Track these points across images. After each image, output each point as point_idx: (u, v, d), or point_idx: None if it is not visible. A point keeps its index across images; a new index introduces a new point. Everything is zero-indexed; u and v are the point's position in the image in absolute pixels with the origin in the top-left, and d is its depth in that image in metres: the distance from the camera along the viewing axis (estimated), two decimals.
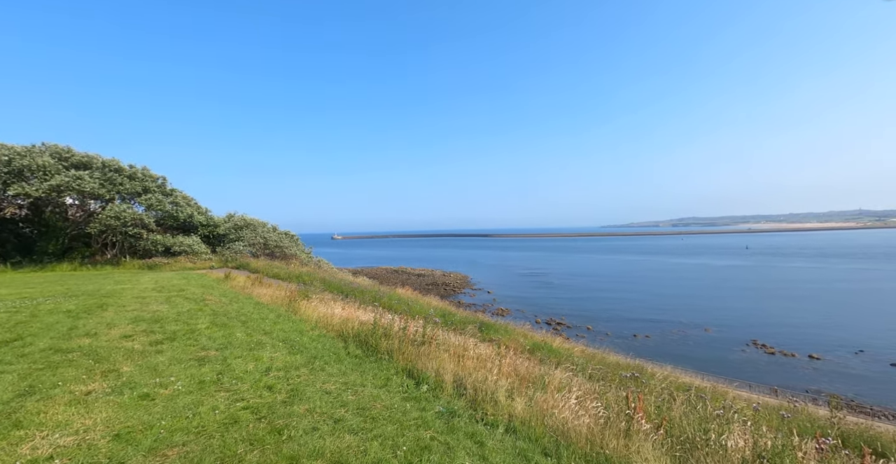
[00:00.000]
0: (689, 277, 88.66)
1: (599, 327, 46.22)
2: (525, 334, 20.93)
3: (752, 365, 34.23)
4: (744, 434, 4.32)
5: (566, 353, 17.16)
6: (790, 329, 43.58)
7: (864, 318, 47.26)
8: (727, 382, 22.35)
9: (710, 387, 14.24)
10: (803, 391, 27.03)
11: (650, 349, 36.59)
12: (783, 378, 29.89)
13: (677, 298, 64.00)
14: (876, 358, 32.99)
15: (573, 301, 60.92)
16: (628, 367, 14.01)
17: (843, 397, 26.77)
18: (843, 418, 9.02)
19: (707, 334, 43.39)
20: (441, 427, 4.91)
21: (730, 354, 37.75)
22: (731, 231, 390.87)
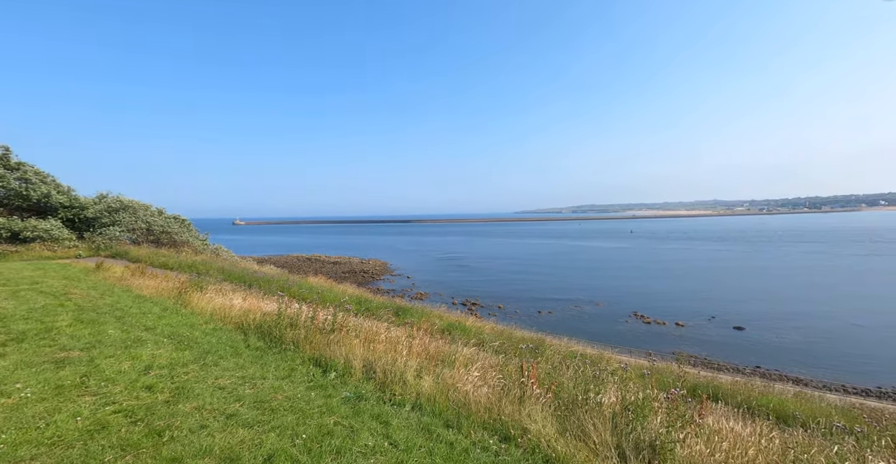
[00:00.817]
0: (585, 258, 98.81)
1: (509, 306, 49.52)
2: (440, 316, 21.54)
3: (633, 333, 39.63)
4: (615, 391, 5.00)
5: (477, 331, 18.09)
6: (663, 301, 51.17)
7: (717, 290, 57.36)
8: (612, 348, 25.67)
9: (597, 354, 16.19)
10: (670, 353, 32.07)
11: (552, 324, 40.31)
12: (656, 343, 35.14)
13: (575, 277, 71.02)
14: (724, 323, 40.35)
15: (487, 283, 64.16)
16: (531, 340, 15.27)
17: (698, 356, 32.40)
18: (688, 373, 11.00)
19: (599, 308, 49.05)
20: (347, 412, 4.85)
21: (616, 324, 43.20)
22: (620, 217, 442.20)
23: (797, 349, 32.83)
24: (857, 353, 31.06)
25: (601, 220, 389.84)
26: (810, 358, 30.50)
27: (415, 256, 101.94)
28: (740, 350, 33.45)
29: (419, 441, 4.10)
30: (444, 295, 53.94)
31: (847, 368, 28.28)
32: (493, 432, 4.31)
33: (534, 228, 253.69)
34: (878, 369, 27.78)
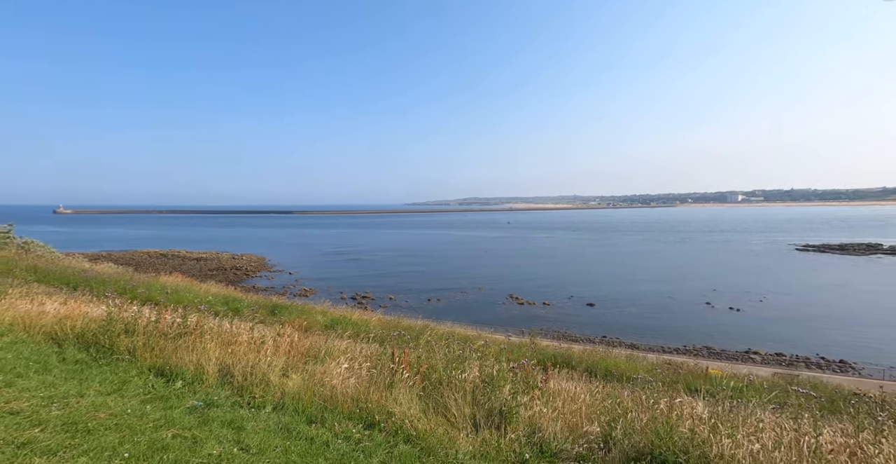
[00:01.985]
0: (470, 247, 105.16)
1: (400, 297, 50.02)
2: (325, 312, 20.64)
3: (508, 314, 43.69)
4: (477, 368, 5.43)
5: (363, 324, 17.82)
6: (533, 284, 57.39)
7: (575, 272, 66.53)
8: (490, 328, 27.87)
9: (475, 334, 17.42)
10: (538, 329, 36.21)
11: (440, 310, 42.04)
12: (527, 321, 39.29)
13: (461, 265, 75.06)
14: (580, 301, 47.03)
15: (378, 275, 63.61)
16: (415, 328, 15.64)
17: (559, 330, 37.35)
18: (548, 345, 12.76)
19: (481, 293, 52.79)
20: (191, 422, 4.30)
21: (495, 307, 47.09)
22: (499, 209, 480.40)
23: (632, 320, 40.11)
24: (673, 320, 39.37)
25: (484, 212, 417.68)
26: (641, 327, 37.57)
27: (298, 250, 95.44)
28: (591, 323, 39.53)
29: (275, 442, 3.85)
30: (332, 290, 51.81)
31: (666, 332, 35.59)
32: (358, 421, 4.29)
33: (423, 219, 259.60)
34: (686, 332, 35.59)
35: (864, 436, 3.35)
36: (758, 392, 6.29)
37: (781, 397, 5.92)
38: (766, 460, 2.88)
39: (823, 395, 8.70)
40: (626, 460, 3.30)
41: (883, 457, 3.04)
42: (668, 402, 4.03)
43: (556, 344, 22.00)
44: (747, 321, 37.75)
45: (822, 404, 6.73)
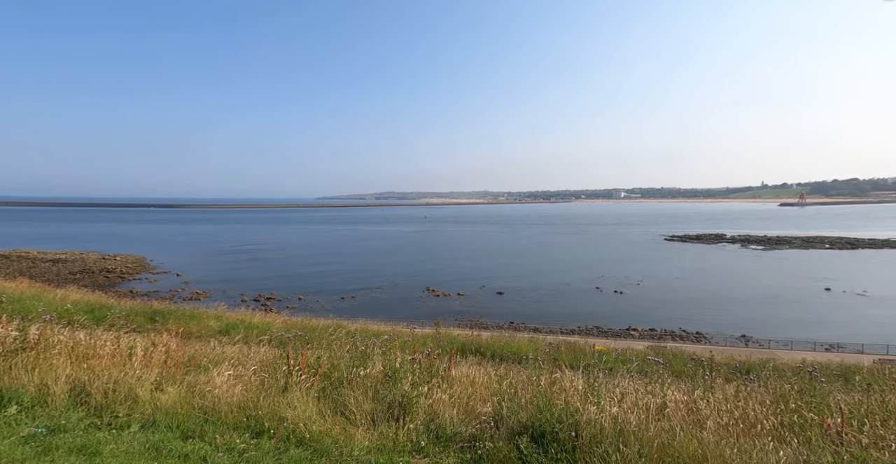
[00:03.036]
0: (387, 242, 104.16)
1: (311, 296, 47.51)
2: (219, 316, 18.72)
3: (425, 306, 44.31)
4: (381, 362, 5.38)
5: (266, 327, 16.55)
6: (449, 275, 58.90)
7: (487, 262, 69.74)
8: (406, 322, 27.96)
9: (388, 330, 17.29)
10: (453, 319, 37.36)
11: (354, 308, 40.95)
12: (443, 312, 40.21)
13: (379, 260, 73.92)
14: (491, 290, 49.49)
15: (286, 275, 59.54)
16: (325, 327, 15.00)
17: (473, 318, 39.00)
18: (460, 334, 13.36)
19: (398, 287, 52.66)
20: (27, 453, 3.56)
21: (411, 300, 47.40)
22: (416, 204, 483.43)
23: (536, 306, 43.47)
24: (569, 304, 43.56)
25: (401, 206, 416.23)
26: (543, 311, 40.91)
27: (186, 248, 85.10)
28: (500, 310, 41.96)
29: None
30: (231, 292, 47.21)
31: (563, 315, 39.21)
32: (245, 430, 3.96)
33: (336, 215, 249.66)
34: (580, 314, 39.57)
35: (698, 393, 4.09)
36: (628, 363, 7.29)
37: (643, 366, 6.94)
38: (622, 420, 3.32)
39: (680, 362, 10.46)
40: (512, 435, 3.54)
41: (709, 409, 3.75)
42: (549, 378, 4.42)
43: (467, 332, 22.83)
44: (628, 302, 43.31)
45: (673, 369, 8.06)
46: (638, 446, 3.03)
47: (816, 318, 36.06)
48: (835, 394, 3.99)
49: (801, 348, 26.46)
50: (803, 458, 2.88)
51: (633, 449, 3.00)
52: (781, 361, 14.28)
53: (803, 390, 4.22)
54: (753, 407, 3.78)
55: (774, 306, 39.94)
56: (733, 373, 6.43)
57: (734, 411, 3.78)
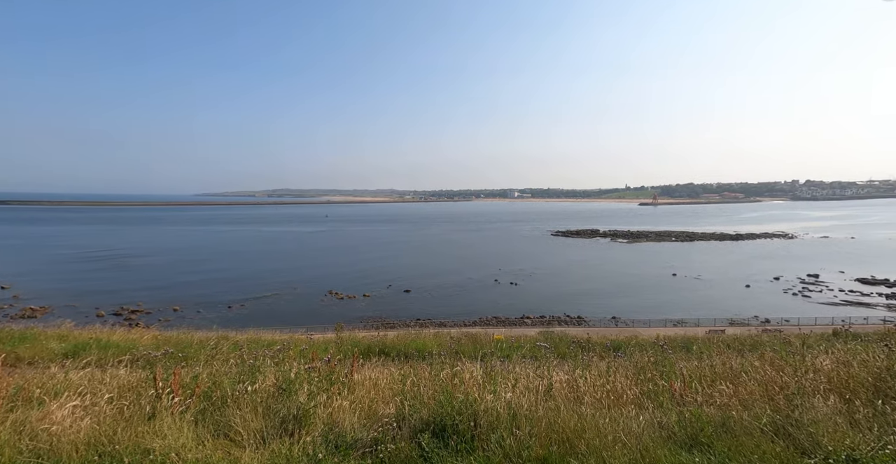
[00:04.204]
0: (284, 244, 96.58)
1: (189, 307, 41.76)
2: (64, 336, 15.32)
3: (327, 311, 42.24)
4: (273, 374, 4.95)
5: (129, 344, 14.04)
6: (355, 277, 56.97)
7: (395, 262, 69.34)
8: (306, 329, 26.35)
9: (284, 338, 16.09)
10: (358, 321, 36.38)
11: (244, 317, 37.13)
12: (348, 315, 38.83)
13: (273, 264, 68.14)
14: (398, 289, 49.21)
15: (158, 283, 51.34)
16: (207, 340, 13.30)
17: (380, 318, 38.37)
18: (364, 336, 13.08)
19: (296, 293, 49.23)
20: None
21: (312, 305, 44.76)
22: (317, 202, 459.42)
23: (441, 301, 44.58)
24: (471, 297, 45.58)
25: (299, 205, 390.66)
26: (448, 306, 42.15)
27: (16, 254, 68.60)
28: (407, 308, 42.12)
29: None
30: (81, 307, 39.23)
31: (466, 308, 40.91)
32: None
33: (221, 213, 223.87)
34: (481, 306, 41.68)
35: (578, 372, 4.61)
36: (521, 349, 7.91)
37: (534, 351, 7.60)
38: (516, 404, 3.57)
39: (564, 345, 11.72)
40: (414, 433, 3.55)
41: (586, 385, 4.26)
42: (450, 371, 4.55)
43: (372, 334, 22.39)
44: (522, 293, 47.00)
45: (558, 351, 9.01)
46: (529, 426, 3.28)
47: (667, 298, 43.42)
48: (679, 363, 4.84)
49: (657, 325, 31.59)
50: (657, 420, 3.44)
51: (524, 430, 3.23)
52: (642, 337, 16.87)
53: (657, 362, 5.02)
54: (620, 380, 4.41)
55: (636, 290, 47.03)
56: (606, 351, 7.41)
57: (606, 385, 4.35)
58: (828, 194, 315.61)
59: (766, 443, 3.04)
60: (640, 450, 3.01)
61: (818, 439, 2.99)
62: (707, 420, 3.30)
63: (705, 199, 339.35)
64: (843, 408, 3.45)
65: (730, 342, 12.55)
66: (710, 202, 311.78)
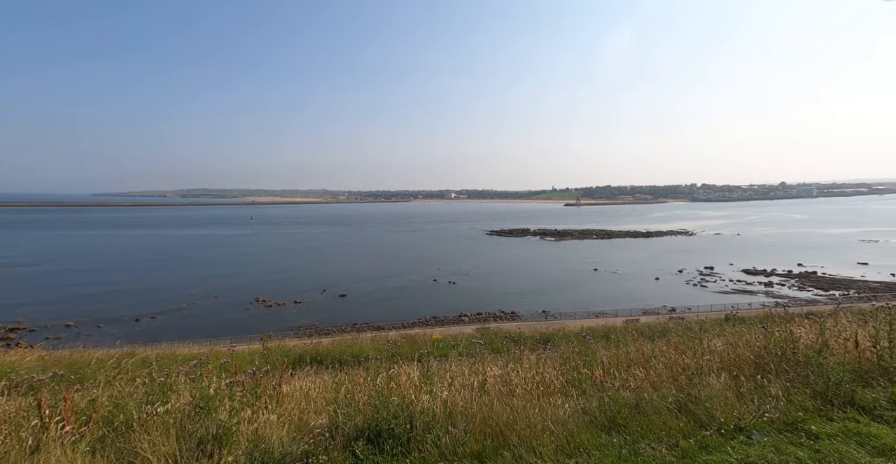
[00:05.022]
0: (200, 248, 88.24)
1: (87, 321, 36.50)
2: None
3: (255, 319, 39.42)
4: (188, 391, 4.50)
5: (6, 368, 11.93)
6: (284, 282, 53.81)
7: (327, 265, 66.59)
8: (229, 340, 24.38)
9: (206, 351, 14.74)
10: (290, 329, 34.43)
11: (155, 331, 33.31)
12: (278, 323, 36.59)
13: (187, 270, 61.95)
14: (333, 293, 47.26)
15: (43, 295, 44.16)
16: (108, 358, 11.71)
17: (314, 325, 36.65)
18: (295, 345, 12.41)
19: (217, 301, 45.27)
20: None
21: (237, 314, 41.47)
22: (239, 203, 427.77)
23: (379, 304, 43.73)
24: (410, 298, 45.36)
25: (220, 206, 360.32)
26: (386, 308, 41.45)
27: None
28: (344, 313, 40.70)
29: None
30: None
31: (405, 309, 40.60)
32: None
33: (124, 216, 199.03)
34: (420, 306, 41.60)
35: (511, 366, 4.80)
36: (457, 347, 8.05)
37: (470, 348, 7.78)
38: (451, 403, 3.62)
39: (499, 340, 12.17)
40: (348, 441, 3.44)
41: (518, 378, 4.45)
42: (386, 375, 4.49)
43: (305, 341, 21.39)
44: (460, 291, 47.85)
45: (493, 347, 9.34)
46: (464, 423, 3.34)
47: (590, 292, 46.86)
48: (600, 351, 5.23)
49: (582, 316, 33.96)
50: (581, 406, 3.70)
51: (460, 428, 3.28)
52: (569, 329, 18.04)
53: (581, 352, 5.39)
54: (548, 371, 4.67)
55: (563, 285, 50.17)
56: (536, 344, 7.80)
57: (536, 376, 4.57)
58: (719, 196, 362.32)
59: (672, 419, 3.40)
60: (566, 436, 3.21)
61: (713, 412, 3.42)
62: (623, 403, 3.61)
63: (621, 200, 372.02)
64: (731, 384, 3.97)
65: (643, 330, 13.88)
66: (625, 203, 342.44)
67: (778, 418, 3.34)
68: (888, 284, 45.46)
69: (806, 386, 3.80)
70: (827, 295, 42.06)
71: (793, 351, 4.30)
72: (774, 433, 3.16)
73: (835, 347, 4.45)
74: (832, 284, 46.58)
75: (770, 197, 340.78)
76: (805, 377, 3.91)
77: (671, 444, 3.09)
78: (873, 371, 4.03)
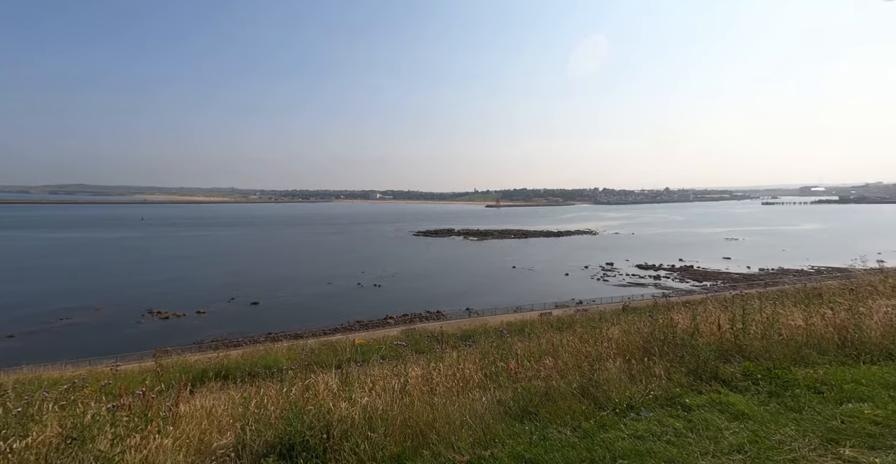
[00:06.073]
0: (74, 256, 75.10)
1: None
2: None
3: (148, 334, 34.64)
4: (57, 420, 3.82)
5: None
6: (184, 291, 48.24)
7: (235, 271, 61.10)
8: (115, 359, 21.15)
9: (82, 373, 12.67)
10: (192, 343, 30.91)
11: (16, 353, 27.48)
12: (177, 337, 32.54)
13: (60, 279, 52.56)
14: (243, 302, 43.49)
15: None
16: None
17: (219, 338, 33.33)
18: (198, 359, 11.16)
19: (98, 315, 38.99)
20: None
21: (125, 329, 36.10)
22: (127, 201, 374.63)
23: (297, 310, 41.22)
24: (332, 303, 43.48)
25: (101, 204, 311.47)
26: (305, 315, 39.21)
27: None
28: (256, 322, 37.61)
29: None
30: None
31: (327, 315, 38.76)
32: None
33: None
34: (343, 311, 40.08)
35: (432, 365, 4.87)
36: (381, 350, 7.95)
37: (392, 350, 7.74)
38: (371, 407, 3.56)
39: (423, 340, 12.26)
40: (256, 459, 3.21)
41: (439, 376, 4.54)
42: (302, 385, 4.27)
43: (210, 355, 19.40)
44: (386, 294, 47.22)
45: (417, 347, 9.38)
46: (384, 427, 3.30)
47: (510, 288, 49.32)
48: (516, 344, 5.54)
49: (502, 312, 35.61)
50: (497, 398, 3.88)
51: (380, 432, 3.24)
52: (490, 325, 18.83)
53: (498, 346, 5.65)
54: (468, 367, 4.83)
55: (485, 282, 52.17)
56: (458, 341, 8.02)
57: (456, 373, 4.70)
58: (617, 199, 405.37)
59: (576, 404, 3.73)
60: (483, 428, 3.34)
61: (609, 394, 3.81)
62: (534, 392, 3.87)
63: (535, 202, 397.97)
64: (625, 367, 4.47)
65: (554, 322, 15.02)
66: (539, 205, 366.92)
67: (661, 394, 3.83)
68: (745, 275, 54.73)
69: (682, 365, 4.42)
70: (701, 285, 49.32)
71: (672, 335, 4.97)
72: (658, 408, 3.62)
73: (704, 330, 5.23)
74: (705, 276, 54.75)
75: (657, 201, 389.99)
76: (682, 357, 4.55)
77: (575, 426, 3.38)
78: (731, 349, 4.82)
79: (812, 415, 3.36)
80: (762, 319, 5.31)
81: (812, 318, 5.53)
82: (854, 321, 5.15)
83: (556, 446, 3.08)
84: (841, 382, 3.90)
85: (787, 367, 4.25)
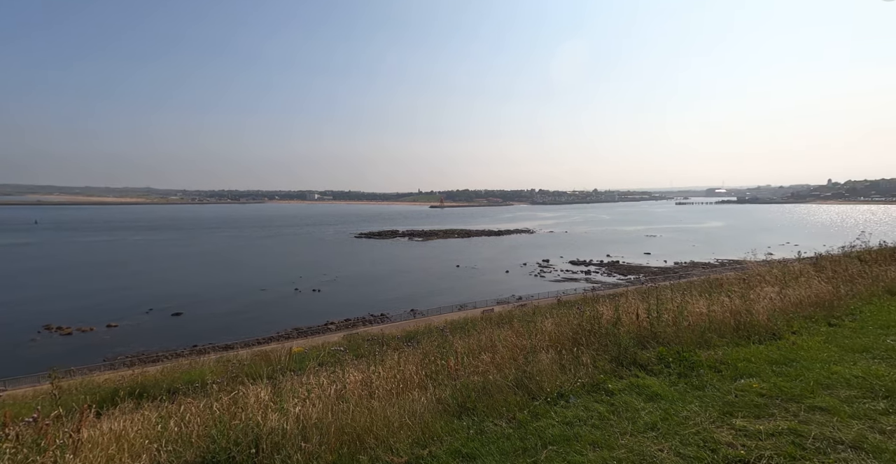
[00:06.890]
0: None
1: None
2: None
3: (43, 353, 30.21)
4: None
5: None
6: (90, 303, 42.77)
7: (153, 280, 55.41)
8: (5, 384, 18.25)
9: None
10: (101, 360, 27.54)
11: None
12: (82, 355, 28.72)
13: None
14: (162, 313, 39.54)
15: None
16: None
17: (136, 354, 30.04)
18: (108, 378, 9.91)
19: None
20: None
21: (18, 349, 31.22)
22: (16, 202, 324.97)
23: (227, 320, 38.26)
24: (266, 311, 41.01)
25: None
26: (236, 324, 36.53)
27: None
28: (180, 335, 34.35)
29: None
30: None
31: (261, 324, 36.47)
32: None
33: None
34: (279, 318, 37.92)
35: (372, 368, 4.80)
36: (319, 358, 7.66)
37: (330, 356, 7.50)
38: (305, 416, 3.42)
39: (364, 344, 12.00)
40: None
41: (379, 379, 4.48)
42: (228, 399, 4.00)
43: (124, 373, 17.40)
44: (326, 299, 45.52)
45: (357, 352, 9.18)
46: (318, 436, 3.19)
47: (454, 287, 49.95)
48: (457, 342, 5.63)
49: (446, 311, 35.90)
50: (436, 396, 3.92)
51: (314, 441, 3.13)
52: (434, 324, 18.93)
53: (440, 344, 5.70)
54: (409, 368, 4.82)
55: (430, 282, 52.37)
56: (401, 343, 7.96)
57: (397, 375, 4.67)
58: (551, 200, 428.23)
59: (512, 396, 3.88)
60: (422, 427, 3.36)
61: (542, 384, 4.01)
62: (472, 387, 3.97)
63: (477, 202, 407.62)
64: (556, 358, 4.73)
65: (495, 319, 15.47)
66: (481, 205, 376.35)
67: (587, 381, 4.11)
68: (662, 268, 60.35)
69: (606, 353, 4.77)
70: (626, 279, 53.57)
71: (598, 325, 5.36)
72: (585, 395, 3.88)
73: (625, 320, 5.69)
74: (629, 270, 59.55)
75: (587, 201, 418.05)
76: (606, 346, 4.91)
77: (510, 417, 3.52)
78: (648, 336, 5.29)
79: (712, 392, 3.80)
80: (673, 307, 5.89)
81: (713, 305, 6.25)
82: (746, 307, 5.91)
83: (491, 439, 3.18)
84: (735, 360, 4.45)
85: (693, 350, 4.77)
